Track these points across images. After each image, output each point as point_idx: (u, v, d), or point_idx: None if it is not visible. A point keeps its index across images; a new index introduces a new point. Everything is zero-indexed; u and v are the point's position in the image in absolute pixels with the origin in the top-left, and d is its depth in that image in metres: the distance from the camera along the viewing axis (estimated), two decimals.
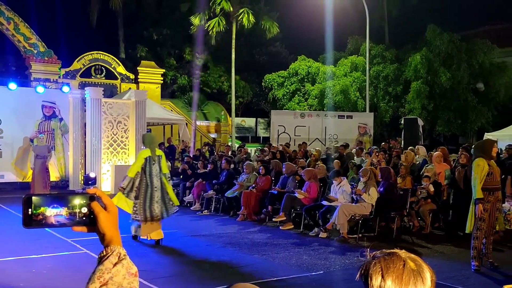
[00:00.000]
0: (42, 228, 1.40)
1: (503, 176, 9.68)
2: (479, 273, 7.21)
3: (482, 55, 24.08)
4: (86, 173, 16.55)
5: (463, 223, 10.20)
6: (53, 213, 1.37)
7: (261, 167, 12.24)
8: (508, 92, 24.69)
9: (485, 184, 7.24)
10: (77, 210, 1.40)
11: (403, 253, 1.35)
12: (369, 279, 1.30)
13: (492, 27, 31.64)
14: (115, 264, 1.39)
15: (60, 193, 1.42)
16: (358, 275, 1.36)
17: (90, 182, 15.65)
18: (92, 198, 1.41)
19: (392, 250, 1.36)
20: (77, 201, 1.40)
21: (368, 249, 1.40)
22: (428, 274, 1.31)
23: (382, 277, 1.29)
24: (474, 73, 24.19)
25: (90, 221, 1.41)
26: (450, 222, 10.61)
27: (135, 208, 8.67)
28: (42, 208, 1.37)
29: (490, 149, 7.50)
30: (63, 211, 1.38)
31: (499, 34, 28.88)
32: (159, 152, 8.91)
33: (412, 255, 1.35)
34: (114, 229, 1.43)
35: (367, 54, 23.30)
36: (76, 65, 22.17)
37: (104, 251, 1.41)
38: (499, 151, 14.11)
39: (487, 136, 18.01)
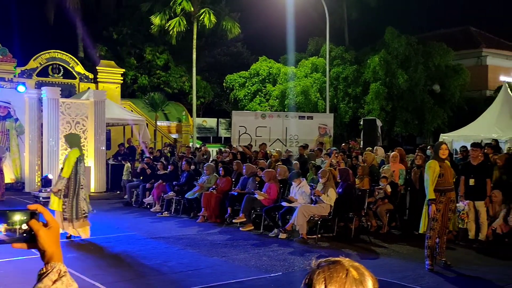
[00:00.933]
0: None
1: (456, 177, 9.97)
2: (433, 272, 7.41)
3: (438, 57, 24.71)
4: (44, 175, 16.14)
5: (418, 223, 10.48)
6: None
7: (221, 168, 12.23)
8: (462, 93, 25.43)
9: (437, 185, 7.47)
10: (17, 227, 1.37)
11: (346, 261, 1.38)
12: None
13: (447, 31, 32.55)
14: (54, 281, 1.37)
15: None
16: (302, 284, 1.38)
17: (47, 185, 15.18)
18: (33, 214, 1.38)
19: (336, 259, 1.38)
20: (17, 217, 1.37)
21: (315, 258, 1.42)
22: (370, 283, 1.34)
23: (325, 286, 1.31)
24: (431, 75, 24.82)
25: (31, 238, 1.38)
26: (406, 222, 10.87)
27: (64, 206, 8.99)
28: None
29: (438, 151, 7.72)
30: (2, 227, 1.35)
31: (454, 37, 29.73)
32: (83, 151, 9.65)
33: (356, 264, 1.38)
34: (55, 245, 1.41)
35: (327, 56, 23.58)
36: (33, 63, 21.59)
37: (44, 268, 1.39)
38: (454, 152, 14.53)
39: (443, 136, 18.52)
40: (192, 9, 24.49)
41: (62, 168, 9.25)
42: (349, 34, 30.78)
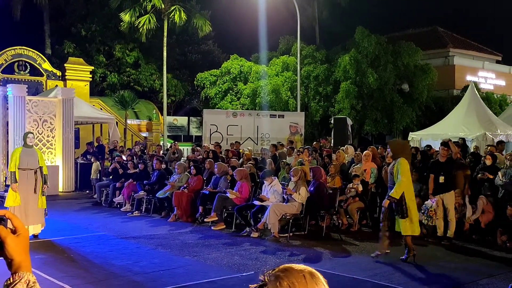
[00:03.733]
0: None
1: (425, 174, 10.13)
2: (403, 269, 7.50)
3: (407, 57, 25.08)
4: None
5: (389, 220, 10.59)
6: None
7: (192, 167, 12.14)
8: (430, 93, 25.88)
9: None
10: None
11: (295, 266, 1.39)
12: None
13: (415, 31, 33.09)
14: None
15: None
16: None
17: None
18: (0, 220, 1.32)
19: (284, 266, 1.38)
20: None
21: (262, 273, 1.40)
22: (322, 279, 1.37)
23: None
24: (400, 75, 25.17)
25: None
26: (377, 220, 10.98)
27: None
28: None
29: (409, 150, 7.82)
30: None
31: (422, 37, 30.23)
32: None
33: (302, 266, 1.40)
34: (24, 254, 1.34)
35: (298, 54, 23.68)
36: None
37: (11, 278, 1.32)
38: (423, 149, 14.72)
39: (412, 135, 18.83)
40: (163, 6, 24.26)
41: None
42: (320, 33, 31.01)
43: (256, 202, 10.00)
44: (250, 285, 1.36)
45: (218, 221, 10.49)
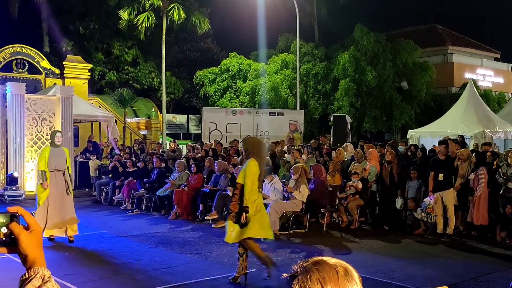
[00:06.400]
0: None
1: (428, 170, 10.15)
2: (404, 267, 7.52)
3: (405, 54, 25.09)
4: (9, 173, 15.75)
5: (389, 218, 10.65)
6: None
7: (192, 165, 12.15)
8: (429, 90, 25.90)
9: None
10: None
11: (328, 259, 1.37)
12: None
13: (414, 28, 33.08)
14: None
15: None
16: None
17: (12, 183, 14.77)
18: (13, 217, 1.33)
19: (317, 259, 1.37)
20: None
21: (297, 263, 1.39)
22: (356, 275, 1.36)
23: (322, 287, 1.30)
24: (398, 72, 25.18)
25: (11, 242, 1.32)
26: (376, 217, 11.03)
27: None
28: None
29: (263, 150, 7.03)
30: None
31: (421, 35, 30.22)
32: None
33: (336, 260, 1.38)
34: (38, 249, 1.35)
35: (297, 52, 23.67)
36: None
37: (27, 274, 1.33)
38: (421, 147, 14.73)
39: (410, 132, 18.83)
40: (161, 4, 24.20)
41: None
42: (318, 31, 30.99)
43: None
44: (283, 274, 1.35)
45: (218, 219, 10.51)
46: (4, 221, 1.32)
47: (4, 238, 1.32)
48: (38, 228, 1.37)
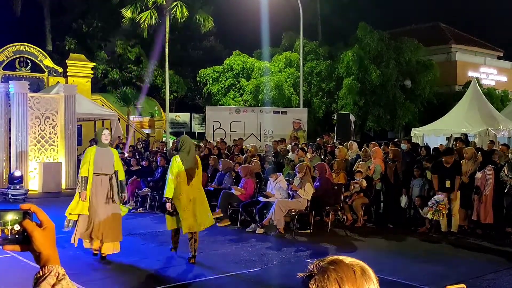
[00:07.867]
0: None
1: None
2: (409, 265, 7.49)
3: (409, 53, 25.00)
4: (11, 172, 15.75)
5: (393, 216, 10.63)
6: None
7: None
8: (432, 89, 25.82)
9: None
10: (9, 227, 1.29)
11: (345, 259, 1.35)
12: None
13: (417, 27, 32.98)
14: (53, 286, 1.29)
15: None
16: None
17: (15, 181, 14.72)
18: (26, 214, 1.31)
19: (333, 258, 1.35)
20: (9, 217, 1.29)
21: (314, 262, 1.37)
22: (373, 275, 1.33)
23: (340, 287, 1.28)
24: (402, 71, 25.10)
25: (24, 239, 1.31)
26: (381, 215, 11.00)
27: None
28: None
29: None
30: None
31: (424, 33, 30.13)
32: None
33: (353, 259, 1.36)
34: (51, 247, 1.33)
35: (301, 51, 23.62)
36: None
37: (41, 271, 1.31)
38: (425, 145, 14.68)
39: (414, 131, 18.79)
40: (164, 2, 24.17)
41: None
42: (322, 29, 30.90)
43: (261, 199, 10.00)
44: (298, 273, 1.33)
45: (223, 217, 10.49)
46: (17, 218, 1.31)
47: (17, 236, 1.31)
48: (51, 225, 1.36)
